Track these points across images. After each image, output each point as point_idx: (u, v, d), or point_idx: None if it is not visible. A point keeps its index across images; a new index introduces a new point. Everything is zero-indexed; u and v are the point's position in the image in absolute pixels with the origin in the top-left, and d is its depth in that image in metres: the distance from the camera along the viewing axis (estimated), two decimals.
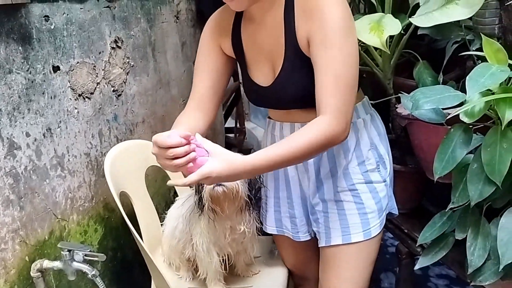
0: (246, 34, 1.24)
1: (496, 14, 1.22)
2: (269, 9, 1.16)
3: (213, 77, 1.28)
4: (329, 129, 1.06)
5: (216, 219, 1.32)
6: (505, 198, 1.14)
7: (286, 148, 1.05)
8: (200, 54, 1.30)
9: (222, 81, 1.31)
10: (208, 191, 1.25)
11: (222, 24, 1.27)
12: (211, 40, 1.28)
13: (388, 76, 1.58)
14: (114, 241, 1.68)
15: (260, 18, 1.19)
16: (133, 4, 1.84)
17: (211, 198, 1.26)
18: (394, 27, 1.12)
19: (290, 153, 1.05)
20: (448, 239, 1.26)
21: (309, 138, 1.05)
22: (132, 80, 1.83)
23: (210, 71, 1.28)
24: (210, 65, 1.28)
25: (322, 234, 1.32)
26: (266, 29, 1.19)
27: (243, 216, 1.35)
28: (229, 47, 1.28)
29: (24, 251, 1.28)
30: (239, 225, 1.35)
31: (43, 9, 1.36)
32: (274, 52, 1.19)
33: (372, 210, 1.28)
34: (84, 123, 1.54)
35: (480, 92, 1.03)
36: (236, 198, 1.27)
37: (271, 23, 1.17)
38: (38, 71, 1.34)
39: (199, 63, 1.30)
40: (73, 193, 1.48)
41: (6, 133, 1.23)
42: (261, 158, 1.04)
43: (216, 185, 1.24)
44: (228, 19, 1.26)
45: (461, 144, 1.14)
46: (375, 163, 1.28)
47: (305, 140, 1.05)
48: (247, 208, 1.33)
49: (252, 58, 1.25)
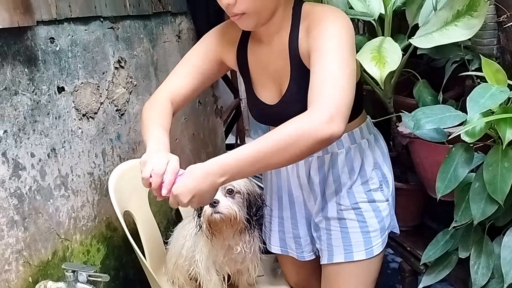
0: (253, 53, 1.25)
1: (494, 35, 1.24)
2: (276, 32, 1.18)
3: (199, 78, 1.27)
4: (313, 123, 0.94)
5: (214, 239, 1.33)
6: (507, 217, 1.15)
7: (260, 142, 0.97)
8: (195, 51, 1.29)
9: (203, 85, 1.30)
10: (207, 217, 1.26)
11: (228, 36, 1.28)
12: (213, 47, 1.28)
13: (389, 94, 1.59)
14: (116, 260, 1.68)
15: (267, 40, 1.21)
16: (136, 25, 1.87)
17: (209, 223, 1.26)
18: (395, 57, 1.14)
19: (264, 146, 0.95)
20: (451, 257, 1.26)
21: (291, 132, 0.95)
22: (135, 99, 1.85)
23: (198, 72, 1.27)
24: (201, 66, 1.27)
25: (324, 252, 1.32)
26: (273, 51, 1.20)
27: (242, 237, 1.36)
28: (233, 61, 1.29)
29: (28, 272, 1.28)
30: (237, 245, 1.36)
31: (48, 31, 1.38)
32: (280, 73, 1.20)
33: (374, 229, 1.28)
34: (88, 142, 1.55)
35: (481, 112, 1.05)
36: (235, 223, 1.28)
37: (278, 45, 1.19)
38: (43, 92, 1.35)
39: (189, 59, 1.28)
40: (76, 213, 1.49)
41: (12, 154, 1.24)
42: (229, 155, 0.97)
43: (213, 212, 1.25)
44: (236, 34, 1.27)
45: (462, 163, 1.15)
46: (378, 183, 1.29)
47: (285, 133, 0.95)
48: (246, 230, 1.33)
49: (258, 77, 1.26)
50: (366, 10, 1.50)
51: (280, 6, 1.15)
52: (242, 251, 1.37)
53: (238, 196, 1.29)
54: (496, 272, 1.14)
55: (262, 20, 1.14)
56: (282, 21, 1.17)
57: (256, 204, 1.35)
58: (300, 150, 0.96)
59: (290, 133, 0.95)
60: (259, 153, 0.95)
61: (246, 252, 1.38)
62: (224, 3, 1.08)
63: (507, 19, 1.18)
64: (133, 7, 1.83)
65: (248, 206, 1.31)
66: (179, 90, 1.26)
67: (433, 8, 1.36)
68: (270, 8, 1.13)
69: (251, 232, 1.36)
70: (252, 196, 1.33)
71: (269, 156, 0.95)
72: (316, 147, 0.97)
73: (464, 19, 1.17)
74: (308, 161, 1.27)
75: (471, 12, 1.17)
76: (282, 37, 1.18)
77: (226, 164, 0.96)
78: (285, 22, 1.17)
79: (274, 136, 0.96)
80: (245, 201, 1.31)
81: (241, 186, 1.30)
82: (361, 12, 1.48)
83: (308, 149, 0.96)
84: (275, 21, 1.16)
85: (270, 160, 0.96)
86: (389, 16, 1.45)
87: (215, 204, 1.24)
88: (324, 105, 0.96)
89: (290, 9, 1.17)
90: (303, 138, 0.94)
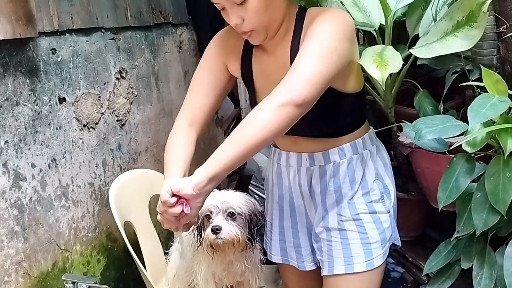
0: (257, 62, 1.25)
1: (494, 45, 1.25)
2: (280, 42, 1.19)
3: (212, 94, 1.27)
4: (278, 96, 0.99)
5: (215, 255, 1.32)
6: (510, 227, 1.14)
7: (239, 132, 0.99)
8: (201, 68, 1.29)
9: (218, 98, 1.30)
10: (209, 241, 1.25)
11: (231, 44, 1.27)
12: (217, 57, 1.28)
13: (390, 104, 1.60)
14: (116, 271, 1.67)
15: (271, 50, 1.22)
16: (137, 36, 1.88)
17: (211, 246, 1.26)
18: (396, 63, 1.15)
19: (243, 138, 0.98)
20: (454, 268, 1.25)
21: (254, 115, 0.99)
22: (136, 109, 1.85)
23: (209, 87, 1.27)
24: (211, 81, 1.27)
25: (325, 263, 1.31)
26: (277, 61, 1.21)
27: (244, 253, 1.35)
28: (237, 70, 1.28)
29: (27, 284, 1.27)
30: (238, 261, 1.35)
31: (50, 42, 1.39)
32: None
33: (375, 241, 1.27)
34: (89, 153, 1.55)
35: (482, 122, 1.05)
36: (237, 245, 1.27)
37: (281, 54, 1.19)
38: (44, 102, 1.36)
39: (199, 77, 1.29)
40: (76, 224, 1.48)
41: (12, 164, 1.24)
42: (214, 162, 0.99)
43: (216, 238, 1.24)
44: (239, 42, 1.26)
45: (464, 173, 1.15)
46: (380, 194, 1.29)
47: (262, 113, 0.99)
48: (248, 247, 1.33)
49: (262, 85, 1.26)
50: (367, 20, 1.51)
51: (286, 17, 1.16)
52: (242, 266, 1.36)
53: (239, 218, 1.28)
54: (499, 283, 1.13)
55: (272, 33, 1.15)
56: (287, 30, 1.18)
57: (258, 222, 1.34)
58: (283, 123, 0.99)
59: (265, 111, 0.98)
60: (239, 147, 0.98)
61: (246, 266, 1.37)
62: (232, 24, 1.10)
63: (507, 29, 1.18)
64: (134, 18, 1.84)
65: (249, 226, 1.31)
66: (196, 112, 1.26)
67: (433, 18, 1.37)
68: (277, 21, 1.14)
69: (252, 248, 1.35)
70: (254, 215, 1.32)
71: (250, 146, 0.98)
72: (290, 116, 0.99)
73: (464, 30, 1.18)
74: (310, 170, 1.27)
75: (471, 23, 1.17)
76: (285, 46, 1.18)
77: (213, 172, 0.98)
78: (289, 30, 1.18)
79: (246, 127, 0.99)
80: (247, 222, 1.30)
81: (242, 207, 1.28)
82: (362, 22, 1.49)
83: (287, 121, 0.99)
84: (281, 31, 1.17)
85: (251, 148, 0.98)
86: (390, 27, 1.45)
87: (218, 231, 1.24)
88: (287, 82, 1.00)
89: (294, 14, 1.18)
90: (271, 114, 0.98)
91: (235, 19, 1.09)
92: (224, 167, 0.99)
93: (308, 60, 1.03)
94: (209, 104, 1.28)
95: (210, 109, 1.28)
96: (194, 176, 0.99)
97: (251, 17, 1.08)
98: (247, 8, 1.07)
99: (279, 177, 1.35)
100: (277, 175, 1.36)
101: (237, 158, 0.99)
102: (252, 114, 1.00)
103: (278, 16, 1.14)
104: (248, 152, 0.99)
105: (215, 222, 1.24)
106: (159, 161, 1.08)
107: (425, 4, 1.47)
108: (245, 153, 0.99)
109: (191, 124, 1.26)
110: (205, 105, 1.27)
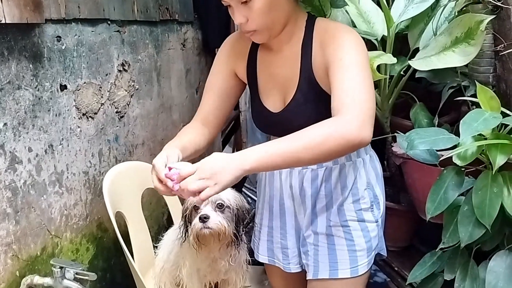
0: (262, 61, 1.29)
1: (490, 63, 1.27)
2: (287, 41, 1.22)
3: (221, 98, 1.33)
4: (348, 128, 0.99)
5: (199, 250, 1.34)
6: (494, 242, 1.16)
7: (297, 137, 1.00)
8: (213, 73, 1.35)
9: (229, 102, 1.35)
10: (195, 231, 1.26)
11: (238, 48, 1.32)
12: (225, 62, 1.33)
13: (386, 115, 1.62)
14: (105, 261, 1.68)
15: (277, 48, 1.25)
16: (142, 30, 1.90)
17: (197, 236, 1.27)
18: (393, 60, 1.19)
19: (299, 145, 0.98)
20: (437, 279, 1.27)
21: (327, 130, 0.99)
22: (136, 103, 1.87)
23: (220, 92, 1.32)
24: (221, 86, 1.33)
25: (310, 267, 1.33)
26: (282, 59, 1.24)
27: (228, 250, 1.36)
28: (243, 72, 1.32)
29: (15, 266, 1.28)
30: (221, 259, 1.37)
31: (56, 30, 1.40)
32: (287, 82, 1.23)
33: (361, 248, 1.29)
34: (86, 142, 1.57)
35: (473, 136, 1.07)
36: (223, 238, 1.29)
37: (288, 54, 1.23)
38: (45, 88, 1.37)
39: (210, 82, 1.35)
40: (68, 211, 1.50)
41: (9, 147, 1.25)
42: (262, 148, 1.00)
43: (203, 227, 1.25)
44: (246, 44, 1.30)
45: (453, 186, 1.17)
46: (370, 203, 1.30)
47: (318, 132, 0.99)
48: (233, 243, 1.34)
49: (265, 85, 1.29)
50: (370, 31, 1.54)
51: (291, 19, 1.19)
52: (226, 264, 1.38)
53: (227, 211, 1.30)
54: None
55: (274, 33, 1.18)
56: (294, 32, 1.21)
57: (244, 219, 1.36)
58: (330, 149, 0.99)
59: (323, 131, 1.00)
60: (290, 148, 0.99)
61: (230, 265, 1.39)
62: (237, 22, 1.15)
63: (504, 48, 1.21)
64: (140, 12, 1.86)
65: (236, 221, 1.32)
66: (208, 115, 1.32)
67: (433, 33, 1.40)
68: (281, 23, 1.17)
69: (237, 245, 1.37)
70: (241, 212, 1.34)
71: (300, 151, 0.99)
72: (345, 149, 1.01)
73: (461, 46, 1.21)
74: (301, 173, 1.29)
75: (469, 40, 1.20)
76: (293, 46, 1.22)
77: (258, 153, 0.99)
78: (297, 33, 1.21)
79: (306, 133, 1.00)
80: (234, 216, 1.32)
81: (231, 201, 1.30)
82: (364, 31, 1.51)
83: (337, 150, 1.00)
84: (286, 31, 1.20)
85: (299, 155, 0.99)
86: (391, 38, 1.48)
87: (206, 220, 1.25)
88: (356, 110, 1.01)
89: (304, 21, 1.22)
90: (334, 138, 0.99)
91: (240, 18, 1.12)
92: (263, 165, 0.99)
93: (366, 100, 1.04)
94: (220, 107, 1.33)
95: (222, 112, 1.34)
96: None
97: (255, 18, 1.12)
98: (251, 8, 1.10)
99: (271, 177, 1.37)
100: (269, 175, 1.38)
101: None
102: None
103: (282, 18, 1.17)
104: (301, 157, 1.00)
105: (204, 211, 1.25)
106: (155, 155, 1.09)
107: (428, 18, 1.50)
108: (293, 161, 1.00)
109: (204, 124, 1.31)
110: (216, 108, 1.33)
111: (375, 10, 1.57)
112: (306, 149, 0.99)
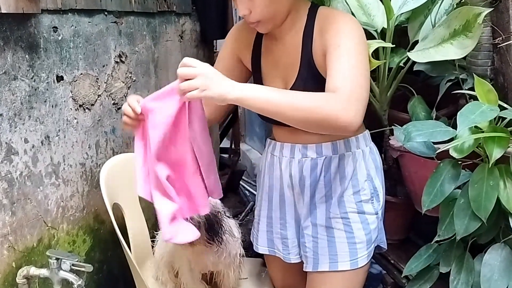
0: (266, 49, 1.32)
1: (488, 56, 1.27)
2: (290, 30, 1.25)
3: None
4: (336, 107, 1.03)
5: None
6: (489, 235, 1.16)
7: (289, 94, 1.07)
8: (217, 61, 1.38)
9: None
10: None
11: (245, 35, 1.35)
12: (231, 49, 1.37)
13: (384, 107, 1.62)
14: (101, 253, 1.68)
15: (280, 37, 1.27)
16: (140, 21, 1.89)
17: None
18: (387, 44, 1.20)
19: (288, 101, 1.03)
20: (432, 272, 1.28)
21: (317, 101, 1.04)
22: (133, 94, 1.86)
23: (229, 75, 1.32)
24: (226, 72, 1.32)
25: (309, 259, 1.33)
26: (284, 47, 1.27)
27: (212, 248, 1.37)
28: (248, 59, 1.35)
29: (12, 257, 1.28)
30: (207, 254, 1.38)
31: (52, 20, 1.39)
32: (288, 69, 1.25)
33: (361, 241, 1.29)
34: (83, 133, 1.56)
35: (470, 129, 1.07)
36: (193, 245, 1.29)
37: (290, 42, 1.25)
38: (42, 79, 1.37)
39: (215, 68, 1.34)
40: (65, 202, 1.49)
41: (5, 137, 1.25)
42: (261, 86, 1.06)
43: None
44: (251, 33, 1.33)
45: (449, 179, 1.17)
46: (370, 195, 1.31)
47: (310, 99, 1.04)
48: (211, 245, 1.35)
49: (267, 72, 1.32)
50: (371, 23, 1.53)
51: (293, 8, 1.22)
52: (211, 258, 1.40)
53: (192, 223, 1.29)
54: None
55: (278, 23, 1.22)
56: (296, 21, 1.24)
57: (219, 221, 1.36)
58: (312, 119, 1.04)
59: (314, 101, 1.04)
60: (280, 101, 1.03)
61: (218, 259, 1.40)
62: (241, 14, 1.18)
63: (502, 41, 1.20)
64: (138, 3, 1.85)
65: (207, 229, 1.32)
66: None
67: (432, 25, 1.39)
68: (284, 12, 1.21)
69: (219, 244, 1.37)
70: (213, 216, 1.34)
71: (286, 108, 1.03)
72: (326, 126, 1.05)
73: (459, 38, 1.20)
74: (301, 162, 1.29)
75: (466, 33, 1.20)
76: (295, 35, 1.24)
77: (249, 91, 1.03)
78: (299, 22, 1.24)
79: (300, 96, 1.05)
80: (203, 224, 1.31)
81: None
82: (364, 22, 1.51)
83: (318, 124, 1.05)
84: (289, 20, 1.23)
85: (285, 111, 1.04)
86: (391, 30, 1.48)
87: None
88: (347, 94, 1.05)
89: (306, 10, 1.24)
90: (321, 111, 1.03)
91: (243, 10, 1.17)
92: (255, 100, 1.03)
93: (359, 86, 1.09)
94: None
95: None
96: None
97: (258, 10, 1.16)
98: (254, 0, 1.14)
99: (271, 167, 1.38)
100: (269, 165, 1.38)
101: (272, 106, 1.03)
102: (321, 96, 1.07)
103: (284, 8, 1.20)
104: (283, 112, 1.04)
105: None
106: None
107: (428, 11, 1.49)
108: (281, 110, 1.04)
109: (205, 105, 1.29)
110: None
111: (375, 2, 1.57)
112: (292, 109, 1.03)
